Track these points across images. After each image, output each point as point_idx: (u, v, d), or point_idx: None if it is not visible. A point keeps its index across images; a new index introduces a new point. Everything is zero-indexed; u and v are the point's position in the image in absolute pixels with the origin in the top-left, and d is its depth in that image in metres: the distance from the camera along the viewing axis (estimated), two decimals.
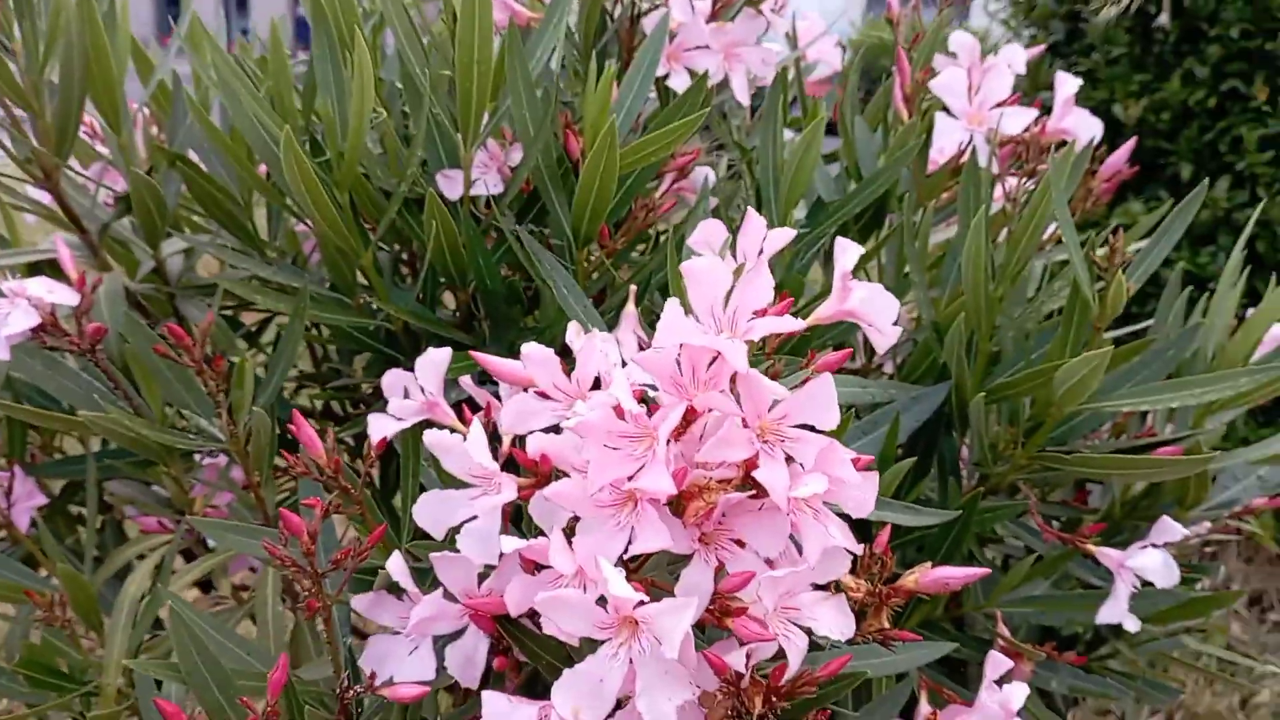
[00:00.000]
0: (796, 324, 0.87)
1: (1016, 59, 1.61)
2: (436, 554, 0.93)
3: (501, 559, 0.91)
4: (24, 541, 1.48)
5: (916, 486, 1.44)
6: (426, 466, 1.16)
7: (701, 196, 1.48)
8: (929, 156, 1.64)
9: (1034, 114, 1.54)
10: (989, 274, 1.35)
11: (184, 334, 1.16)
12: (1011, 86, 1.57)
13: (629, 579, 0.82)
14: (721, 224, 1.07)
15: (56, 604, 1.27)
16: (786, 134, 1.63)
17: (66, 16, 1.42)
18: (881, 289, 1.05)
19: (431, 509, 0.94)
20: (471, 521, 0.90)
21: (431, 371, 1.09)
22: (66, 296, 1.26)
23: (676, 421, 0.81)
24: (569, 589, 0.82)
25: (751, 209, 1.01)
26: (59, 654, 1.33)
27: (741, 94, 1.65)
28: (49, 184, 1.56)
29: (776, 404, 0.82)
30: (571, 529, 0.85)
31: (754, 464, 0.81)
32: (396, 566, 0.95)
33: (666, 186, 1.62)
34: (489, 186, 1.48)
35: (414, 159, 1.37)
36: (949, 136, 1.52)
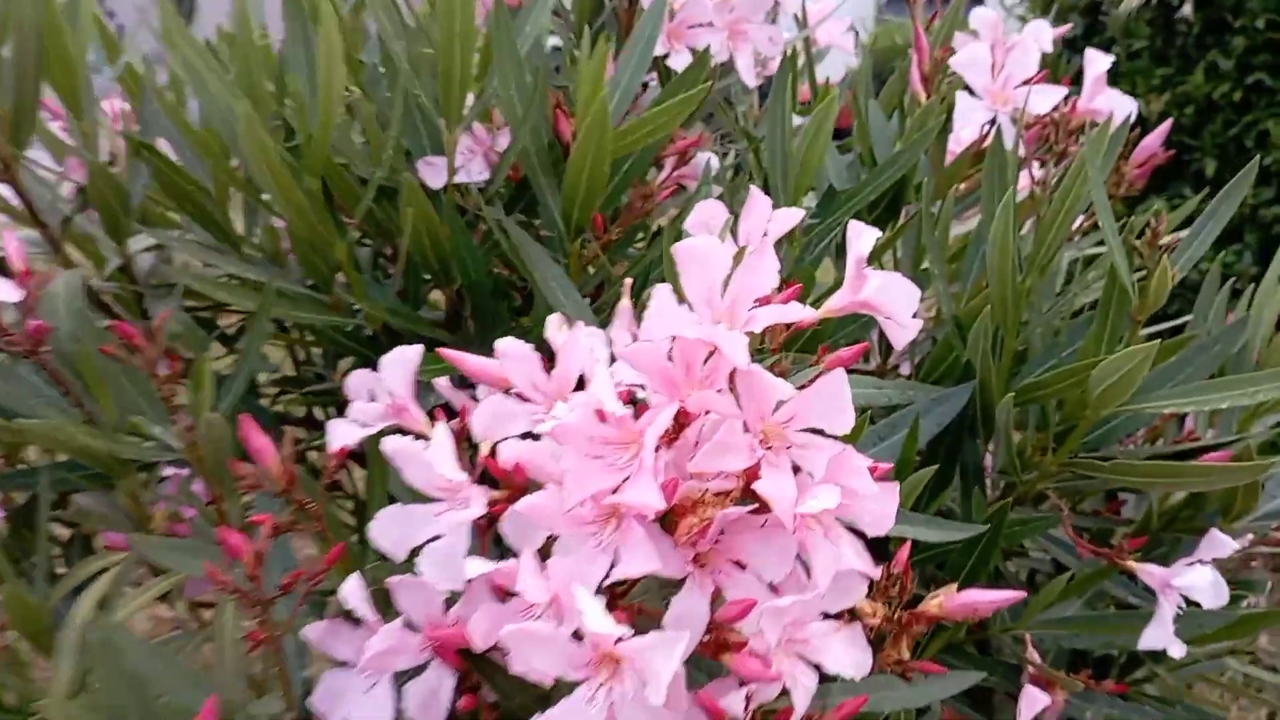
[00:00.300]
0: (805, 312, 0.76)
1: (1043, 36, 1.50)
2: (394, 578, 0.81)
3: (469, 584, 0.80)
4: None
5: (938, 497, 1.32)
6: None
7: (703, 182, 1.37)
8: (947, 143, 1.53)
9: (1064, 91, 1.42)
10: (1016, 263, 1.23)
11: (133, 332, 1.05)
12: (1038, 64, 1.46)
13: (612, 607, 0.71)
14: (722, 205, 0.97)
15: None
16: (795, 120, 1.52)
17: None
18: (900, 276, 0.94)
19: (392, 526, 0.83)
20: (434, 541, 0.79)
21: (399, 371, 0.97)
22: (7, 292, 1.16)
23: (667, 425, 0.71)
24: (539, 621, 0.71)
25: (756, 187, 0.90)
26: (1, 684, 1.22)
27: (747, 75, 1.54)
28: (7, 176, 1.46)
29: (782, 405, 0.72)
30: (548, 550, 0.74)
31: (756, 474, 0.71)
32: (353, 590, 0.83)
33: (666, 174, 1.51)
34: (474, 174, 1.38)
35: (390, 141, 1.26)
36: (971, 116, 1.40)
